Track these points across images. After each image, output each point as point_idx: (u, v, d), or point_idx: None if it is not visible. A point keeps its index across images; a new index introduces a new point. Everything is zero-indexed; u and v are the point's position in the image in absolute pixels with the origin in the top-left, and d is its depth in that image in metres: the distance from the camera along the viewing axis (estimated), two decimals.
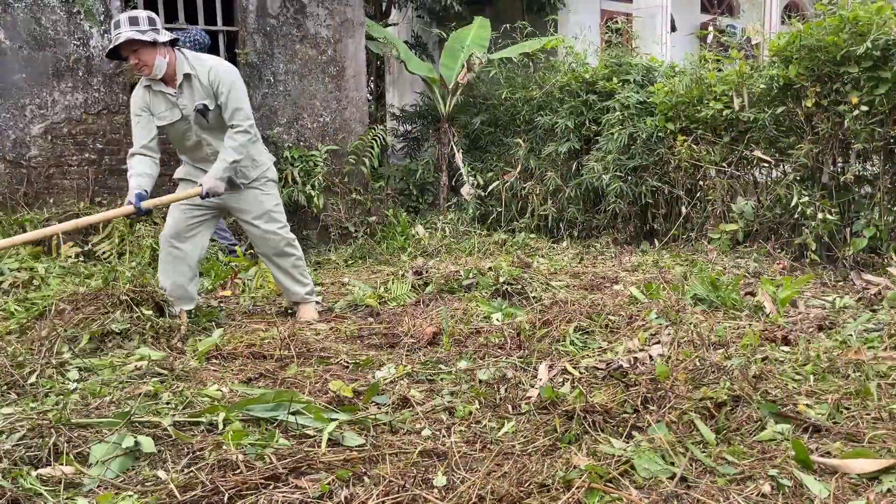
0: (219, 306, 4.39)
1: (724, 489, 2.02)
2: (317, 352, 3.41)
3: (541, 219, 6.87)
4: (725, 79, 5.73)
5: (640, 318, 3.67)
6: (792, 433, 2.32)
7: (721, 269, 4.90)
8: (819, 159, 5.15)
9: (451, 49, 7.69)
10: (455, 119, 7.73)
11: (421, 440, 2.41)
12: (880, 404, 2.50)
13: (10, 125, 5.71)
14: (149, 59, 3.60)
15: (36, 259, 5.10)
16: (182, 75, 3.71)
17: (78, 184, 5.95)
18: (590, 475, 2.05)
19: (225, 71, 3.74)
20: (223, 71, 3.74)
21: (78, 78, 5.87)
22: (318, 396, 2.76)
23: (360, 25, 6.95)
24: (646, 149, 6.18)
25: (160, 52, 3.62)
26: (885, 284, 4.19)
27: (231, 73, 3.76)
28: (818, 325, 3.54)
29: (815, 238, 5.01)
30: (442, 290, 4.60)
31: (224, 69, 3.75)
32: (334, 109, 6.89)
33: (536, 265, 5.22)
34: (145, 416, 2.50)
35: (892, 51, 4.61)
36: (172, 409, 2.60)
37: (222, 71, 3.73)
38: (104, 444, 2.27)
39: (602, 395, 2.69)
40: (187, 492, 2.02)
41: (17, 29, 5.65)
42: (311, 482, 2.09)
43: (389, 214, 6.92)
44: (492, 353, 3.32)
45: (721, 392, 2.56)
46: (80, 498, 2.03)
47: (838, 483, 2.03)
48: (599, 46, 8.17)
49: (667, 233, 6.11)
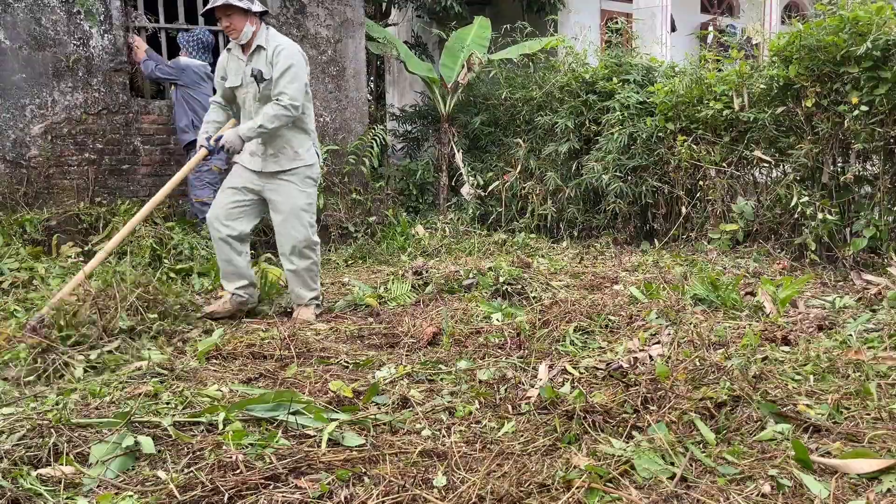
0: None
1: (724, 489, 2.02)
2: (317, 352, 3.41)
3: (541, 219, 6.87)
4: (725, 79, 5.73)
5: (640, 318, 3.66)
6: (792, 433, 2.32)
7: (721, 269, 4.90)
8: (819, 159, 5.15)
9: (451, 49, 7.69)
10: (455, 119, 7.73)
11: (421, 440, 2.41)
12: (880, 404, 2.50)
13: (10, 125, 5.71)
14: (239, 25, 3.91)
15: (36, 259, 5.10)
16: (256, 45, 3.98)
17: (78, 184, 5.95)
18: (590, 475, 2.05)
19: (288, 52, 3.94)
20: (286, 51, 3.94)
21: (78, 78, 5.87)
22: (318, 396, 2.76)
23: (360, 25, 6.95)
24: (646, 149, 6.18)
25: (250, 21, 3.93)
26: (885, 284, 4.19)
27: (292, 57, 3.94)
28: (818, 325, 3.54)
29: (814, 238, 5.01)
30: (442, 290, 4.60)
31: (288, 51, 3.95)
32: (334, 109, 6.88)
33: (536, 265, 5.21)
34: (145, 416, 2.50)
35: (892, 51, 4.61)
36: (172, 409, 2.60)
37: (286, 51, 3.94)
38: (104, 443, 2.27)
39: (602, 395, 2.69)
40: (187, 492, 2.02)
41: (17, 29, 5.64)
42: (311, 482, 2.09)
43: (389, 214, 6.91)
44: (492, 353, 3.32)
45: (721, 392, 2.57)
46: (80, 498, 2.03)
47: (838, 483, 2.03)
48: (599, 46, 8.17)
49: (667, 233, 6.12)
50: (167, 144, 6.28)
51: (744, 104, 5.50)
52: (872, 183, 5.01)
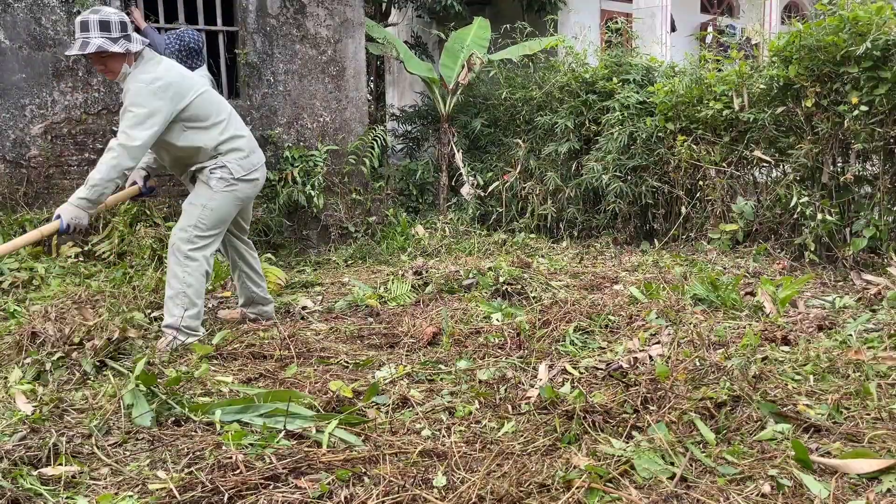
0: (219, 306, 4.40)
1: (724, 489, 2.02)
2: (317, 352, 3.41)
3: (541, 219, 6.87)
4: (725, 79, 5.73)
5: (640, 318, 3.67)
6: (792, 433, 2.32)
7: (721, 269, 4.90)
8: (819, 159, 5.15)
9: (450, 49, 7.69)
10: (455, 119, 7.72)
11: (421, 440, 2.41)
12: (880, 404, 2.50)
13: (10, 125, 5.71)
14: (116, 68, 3.43)
15: (36, 259, 5.10)
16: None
17: (78, 184, 5.93)
18: (590, 475, 2.05)
19: (135, 87, 3.39)
20: (133, 85, 3.40)
21: (78, 78, 5.87)
22: (318, 396, 2.76)
23: (360, 25, 6.95)
24: (646, 149, 6.18)
25: (128, 61, 3.43)
26: (885, 284, 4.19)
27: (136, 93, 3.37)
28: (818, 325, 3.54)
29: (814, 238, 5.01)
30: (442, 290, 4.60)
31: (135, 85, 3.39)
32: (334, 109, 6.88)
33: (536, 265, 5.21)
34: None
35: (892, 51, 4.61)
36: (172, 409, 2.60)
37: (133, 85, 3.40)
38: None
39: (602, 395, 2.69)
40: (187, 492, 2.02)
41: (17, 29, 5.65)
42: (311, 482, 2.10)
43: (389, 214, 6.92)
44: (492, 353, 3.32)
45: (721, 392, 2.57)
46: (81, 498, 2.03)
47: (838, 483, 2.03)
48: (599, 46, 8.17)
49: (667, 233, 6.12)
50: None
51: (744, 104, 5.50)
52: (872, 183, 5.01)
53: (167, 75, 3.45)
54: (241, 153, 3.67)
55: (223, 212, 3.64)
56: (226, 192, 3.62)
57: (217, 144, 3.60)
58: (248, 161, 3.70)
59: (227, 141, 3.63)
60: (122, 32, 3.39)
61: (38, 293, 4.42)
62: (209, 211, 3.59)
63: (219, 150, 3.61)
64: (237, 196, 3.67)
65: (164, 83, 3.40)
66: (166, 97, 3.40)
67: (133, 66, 3.45)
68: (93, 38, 3.33)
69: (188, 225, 3.57)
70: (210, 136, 3.58)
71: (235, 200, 3.67)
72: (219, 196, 3.61)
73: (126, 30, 3.41)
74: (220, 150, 3.61)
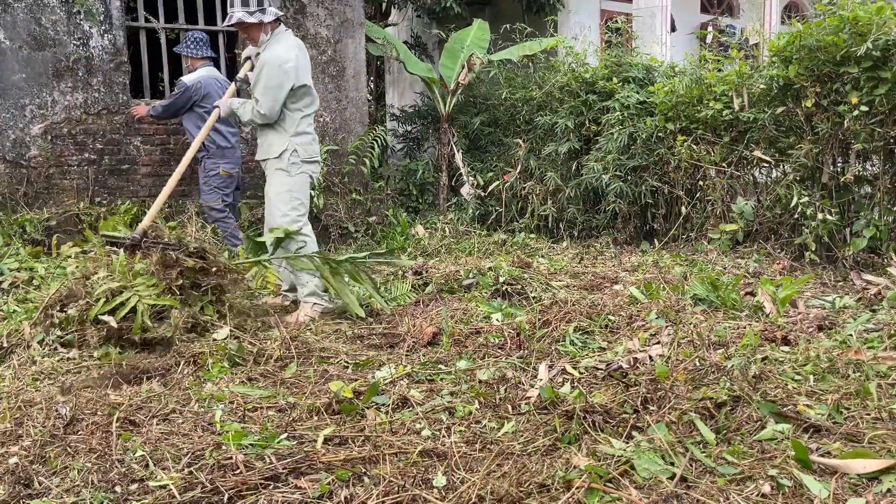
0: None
1: (724, 489, 2.02)
2: (317, 352, 3.41)
3: (541, 219, 6.87)
4: (725, 79, 5.73)
5: (640, 318, 3.66)
6: (792, 433, 2.32)
7: (721, 269, 4.90)
8: (819, 159, 5.15)
9: (450, 50, 7.69)
10: (455, 119, 7.72)
11: (421, 440, 2.41)
12: (880, 404, 2.50)
13: (10, 125, 5.71)
14: (255, 36, 4.19)
15: (36, 259, 5.10)
16: (257, 53, 4.22)
17: (78, 184, 5.95)
18: (590, 475, 2.05)
19: (268, 55, 4.09)
20: (267, 54, 4.11)
21: (78, 78, 5.87)
22: (318, 396, 2.76)
23: (360, 25, 6.95)
24: (646, 149, 6.18)
25: (264, 30, 4.16)
26: (885, 284, 4.19)
27: (269, 62, 4.06)
28: (818, 325, 3.54)
29: (814, 238, 5.01)
30: (442, 290, 4.60)
31: (268, 54, 4.09)
32: (334, 109, 6.88)
33: (536, 265, 5.21)
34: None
35: (892, 51, 4.61)
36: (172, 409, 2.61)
37: (266, 54, 4.11)
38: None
39: (602, 395, 2.69)
40: (187, 492, 2.02)
41: (17, 29, 5.65)
42: (311, 482, 2.10)
43: (389, 214, 6.91)
44: (492, 353, 3.32)
45: (721, 392, 2.57)
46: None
47: (838, 483, 2.02)
48: (599, 46, 8.17)
49: (667, 233, 6.11)
50: (167, 144, 6.28)
51: (744, 104, 5.50)
52: (872, 183, 5.01)
53: (293, 58, 4.14)
54: (310, 136, 4.36)
55: (304, 191, 4.29)
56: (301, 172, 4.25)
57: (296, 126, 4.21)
58: (313, 148, 4.34)
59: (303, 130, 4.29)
60: (259, 7, 4.10)
61: (38, 293, 4.41)
62: (293, 193, 4.22)
63: (297, 130, 4.22)
64: (307, 175, 4.30)
65: (292, 65, 4.09)
66: (291, 74, 4.10)
67: (269, 35, 4.17)
68: (236, 13, 4.10)
69: (288, 210, 4.17)
70: (294, 117, 4.21)
71: (306, 179, 4.29)
72: (296, 178, 4.22)
73: (262, 4, 4.10)
74: (298, 131, 4.23)
